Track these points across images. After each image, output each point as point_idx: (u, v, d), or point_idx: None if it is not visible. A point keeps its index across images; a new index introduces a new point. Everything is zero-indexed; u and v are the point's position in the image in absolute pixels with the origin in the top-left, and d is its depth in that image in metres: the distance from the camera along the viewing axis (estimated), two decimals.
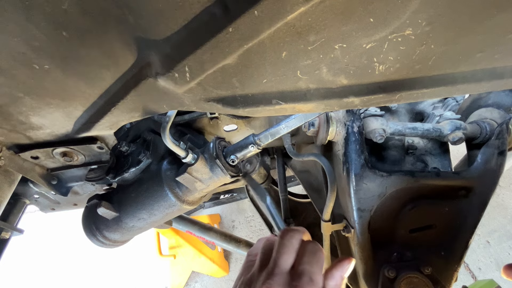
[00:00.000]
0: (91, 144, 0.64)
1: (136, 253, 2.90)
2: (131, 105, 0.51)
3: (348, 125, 0.86)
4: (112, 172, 0.76)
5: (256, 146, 0.68)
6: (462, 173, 0.90)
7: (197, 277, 2.63)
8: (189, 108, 0.51)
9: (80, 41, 0.38)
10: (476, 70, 0.42)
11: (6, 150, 0.59)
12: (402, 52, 0.38)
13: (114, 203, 0.75)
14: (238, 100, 0.47)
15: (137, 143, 0.83)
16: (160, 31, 0.37)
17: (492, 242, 2.46)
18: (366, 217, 0.88)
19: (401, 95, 0.44)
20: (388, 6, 0.32)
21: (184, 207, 0.74)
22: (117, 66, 0.43)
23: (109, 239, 0.79)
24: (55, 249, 3.16)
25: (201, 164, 0.66)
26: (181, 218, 1.31)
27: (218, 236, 1.38)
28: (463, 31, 0.36)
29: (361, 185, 0.85)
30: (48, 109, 0.51)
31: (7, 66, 0.41)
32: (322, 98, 0.45)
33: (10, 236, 0.98)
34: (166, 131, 0.61)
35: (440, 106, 1.02)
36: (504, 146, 0.88)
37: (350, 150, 0.85)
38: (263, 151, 1.39)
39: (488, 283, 1.12)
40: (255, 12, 0.32)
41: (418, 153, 1.00)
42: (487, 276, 2.30)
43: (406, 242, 0.93)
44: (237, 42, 0.36)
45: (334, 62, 0.40)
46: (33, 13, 0.34)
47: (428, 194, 0.90)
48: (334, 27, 0.35)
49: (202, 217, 2.79)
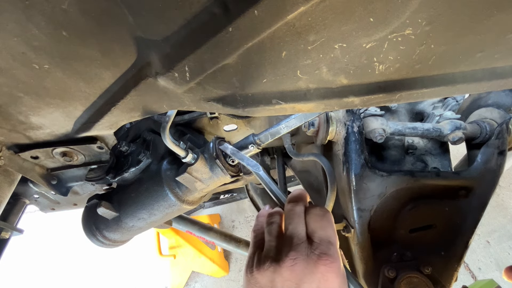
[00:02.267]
0: (91, 144, 0.64)
1: (136, 253, 2.90)
2: (131, 105, 0.51)
3: (348, 125, 0.86)
4: (112, 172, 0.76)
5: (256, 146, 0.68)
6: (462, 173, 0.90)
7: (197, 277, 2.63)
8: (189, 108, 0.51)
9: (80, 41, 0.38)
10: (476, 70, 0.41)
11: (6, 150, 0.59)
12: (402, 51, 0.38)
13: (114, 203, 0.75)
14: (238, 99, 0.47)
15: (137, 143, 0.83)
16: (160, 31, 0.37)
17: (492, 242, 2.46)
18: (366, 217, 0.88)
19: (401, 95, 0.44)
20: (388, 6, 0.32)
21: (184, 207, 0.74)
22: (117, 66, 0.43)
23: (109, 239, 0.79)
24: (55, 249, 3.16)
25: (201, 164, 0.66)
26: (181, 218, 1.31)
27: (218, 236, 1.38)
28: (463, 31, 0.36)
29: (361, 185, 0.85)
30: (48, 109, 0.51)
31: (7, 66, 0.41)
32: (322, 98, 0.45)
33: (10, 236, 0.98)
34: (166, 131, 0.61)
35: (440, 106, 1.03)
36: (504, 146, 0.88)
37: (350, 150, 0.86)
38: (263, 151, 1.39)
39: (488, 283, 1.12)
40: (255, 11, 0.32)
41: (418, 153, 1.00)
42: (487, 276, 2.30)
43: (406, 242, 0.93)
44: (237, 41, 0.36)
45: (334, 62, 0.40)
46: (33, 13, 0.34)
47: (428, 194, 0.90)
48: (334, 27, 0.35)
49: (202, 217, 2.79)
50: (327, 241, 0.42)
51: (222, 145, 0.68)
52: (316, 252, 0.40)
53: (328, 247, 0.41)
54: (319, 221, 0.45)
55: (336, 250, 0.42)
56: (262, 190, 1.74)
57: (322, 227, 0.44)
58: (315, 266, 0.39)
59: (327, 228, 0.44)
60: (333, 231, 0.44)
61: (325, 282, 0.39)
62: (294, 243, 0.42)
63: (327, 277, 0.39)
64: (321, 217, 0.46)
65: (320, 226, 0.44)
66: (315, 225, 0.45)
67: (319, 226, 0.44)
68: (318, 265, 0.39)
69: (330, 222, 0.45)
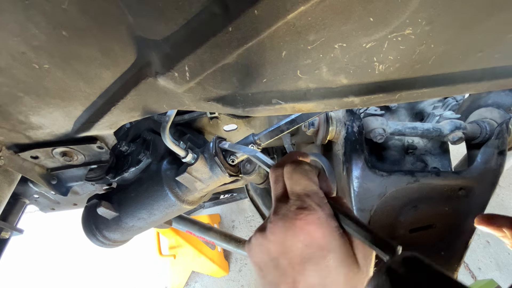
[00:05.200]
0: (91, 144, 0.64)
1: (136, 253, 2.90)
2: (131, 105, 0.51)
3: (348, 125, 0.86)
4: (112, 171, 0.76)
5: (256, 145, 0.68)
6: (462, 173, 0.90)
7: (197, 277, 2.63)
8: (189, 107, 0.51)
9: (80, 40, 0.38)
10: (476, 70, 0.41)
11: (6, 149, 0.59)
12: (402, 51, 0.38)
13: (114, 203, 0.75)
14: (238, 99, 0.47)
15: (137, 143, 0.83)
16: (160, 31, 0.37)
17: (492, 242, 2.46)
18: (366, 217, 0.88)
19: (401, 94, 0.44)
20: (388, 6, 0.32)
21: (184, 207, 0.74)
22: (117, 66, 0.43)
23: (109, 239, 0.79)
24: (55, 249, 3.16)
25: (201, 164, 0.66)
26: (181, 218, 1.31)
27: (218, 236, 1.38)
28: (463, 30, 0.36)
29: (361, 185, 0.85)
30: (48, 109, 0.51)
31: (7, 65, 0.41)
32: (322, 98, 0.45)
33: (10, 236, 0.98)
34: (166, 130, 0.61)
35: (440, 106, 1.03)
36: (504, 146, 0.88)
37: (350, 150, 0.86)
38: (263, 151, 1.39)
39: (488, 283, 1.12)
40: (255, 11, 0.32)
41: (418, 153, 1.00)
42: (487, 276, 2.30)
43: (406, 242, 0.93)
44: (237, 41, 0.36)
45: (334, 62, 0.40)
46: (33, 13, 0.34)
47: (428, 194, 0.90)
48: (334, 27, 0.35)
49: (202, 217, 2.79)
50: (302, 194, 0.41)
51: (222, 144, 0.68)
52: (292, 209, 0.39)
53: (303, 200, 0.40)
54: (290, 178, 0.44)
55: (313, 200, 0.40)
56: (262, 190, 1.74)
57: (295, 182, 0.43)
58: (292, 223, 0.38)
59: (300, 180, 0.42)
60: (307, 181, 0.42)
61: (307, 235, 0.37)
62: (274, 207, 0.42)
63: (307, 230, 0.38)
64: (291, 172, 0.44)
65: (293, 182, 0.43)
66: (288, 183, 0.43)
67: (292, 182, 0.43)
68: (295, 221, 0.38)
69: (302, 174, 0.43)
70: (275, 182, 0.46)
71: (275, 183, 0.46)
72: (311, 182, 0.42)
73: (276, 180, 0.46)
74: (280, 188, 0.45)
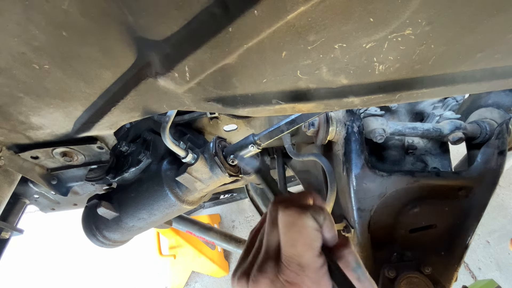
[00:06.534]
0: (91, 144, 0.64)
1: (136, 253, 2.90)
2: (131, 105, 0.51)
3: (348, 125, 0.86)
4: (112, 172, 0.76)
5: (256, 146, 0.68)
6: (462, 173, 0.90)
7: (197, 277, 2.63)
8: (189, 108, 0.51)
9: (80, 41, 0.38)
10: (476, 70, 0.42)
11: (6, 150, 0.59)
12: (402, 52, 0.38)
13: (114, 203, 0.75)
14: (238, 100, 0.47)
15: (137, 143, 0.83)
16: (160, 31, 0.37)
17: (492, 242, 2.46)
18: (366, 217, 0.88)
19: (401, 95, 0.44)
20: (388, 6, 0.32)
21: (184, 207, 0.74)
22: (117, 66, 0.43)
23: (109, 239, 0.79)
24: (55, 249, 3.16)
25: (201, 164, 0.66)
26: (181, 218, 1.31)
27: (218, 236, 1.38)
28: (463, 31, 0.36)
29: (361, 185, 0.85)
30: (48, 109, 0.51)
31: (7, 66, 0.41)
32: (322, 98, 0.45)
33: (10, 236, 0.98)
34: (166, 131, 0.61)
35: (440, 106, 1.03)
36: (504, 146, 0.88)
37: (350, 150, 0.86)
38: (263, 151, 1.39)
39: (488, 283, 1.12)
40: (255, 11, 0.32)
41: (418, 153, 1.00)
42: (487, 276, 2.30)
43: (406, 242, 0.93)
44: (237, 41, 0.36)
45: (334, 62, 0.40)
46: (33, 13, 0.34)
47: (428, 194, 0.90)
48: (334, 27, 0.35)
49: (202, 217, 2.79)
50: (296, 263, 0.33)
51: (222, 145, 0.68)
52: (281, 278, 0.33)
53: (296, 272, 0.33)
54: (285, 233, 0.35)
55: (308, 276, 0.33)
56: (262, 190, 1.74)
57: (290, 241, 0.34)
58: None
59: (297, 243, 0.34)
60: (304, 247, 0.33)
61: None
62: (261, 259, 0.36)
63: None
64: (289, 226, 0.35)
65: (288, 241, 0.34)
66: (283, 238, 0.35)
67: (287, 240, 0.34)
68: None
69: (301, 233, 0.34)
70: (271, 223, 0.37)
71: (271, 225, 0.37)
72: (310, 249, 0.34)
73: (273, 222, 0.37)
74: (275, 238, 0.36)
